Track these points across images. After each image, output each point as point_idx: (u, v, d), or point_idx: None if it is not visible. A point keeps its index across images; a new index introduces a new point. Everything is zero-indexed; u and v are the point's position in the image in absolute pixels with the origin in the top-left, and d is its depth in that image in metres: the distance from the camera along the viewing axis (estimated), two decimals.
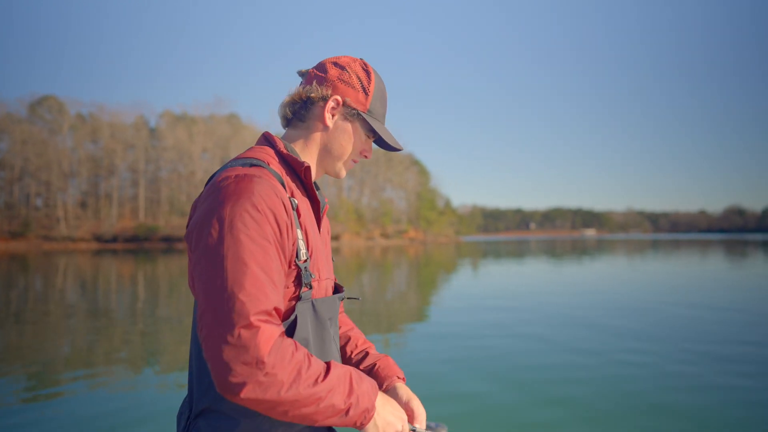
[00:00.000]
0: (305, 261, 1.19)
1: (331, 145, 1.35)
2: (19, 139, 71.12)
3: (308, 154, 1.35)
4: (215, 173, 1.20)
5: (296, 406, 1.02)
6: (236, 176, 1.12)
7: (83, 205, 77.20)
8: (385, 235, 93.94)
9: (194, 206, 1.16)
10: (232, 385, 0.97)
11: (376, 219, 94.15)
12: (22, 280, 20.60)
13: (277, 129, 1.43)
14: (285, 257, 1.13)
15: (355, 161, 1.39)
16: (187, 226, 1.16)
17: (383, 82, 1.39)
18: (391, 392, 1.41)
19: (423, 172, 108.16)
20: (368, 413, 1.13)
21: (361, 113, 1.33)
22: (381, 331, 8.89)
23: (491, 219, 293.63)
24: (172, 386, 5.92)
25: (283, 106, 1.34)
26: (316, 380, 1.04)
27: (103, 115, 79.97)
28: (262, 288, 1.03)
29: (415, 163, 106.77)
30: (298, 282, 1.19)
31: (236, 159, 1.23)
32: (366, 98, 1.33)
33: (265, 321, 1.02)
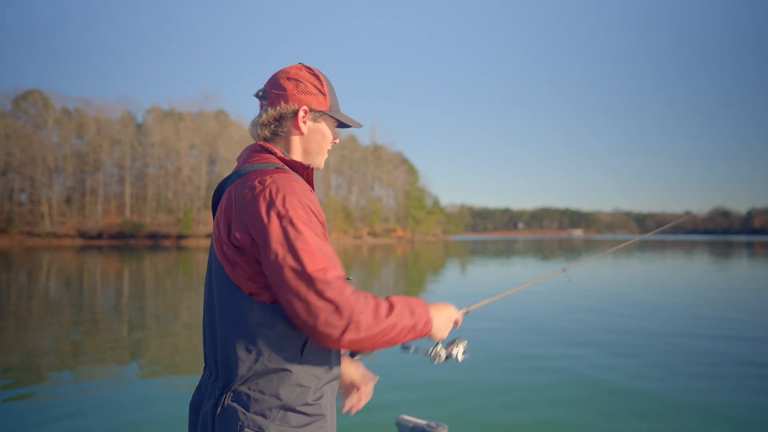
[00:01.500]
0: None
1: (310, 146, 1.57)
2: (2, 134, 70.03)
3: (294, 157, 1.56)
4: (233, 177, 1.45)
5: (381, 335, 1.31)
6: (274, 176, 1.35)
7: (68, 201, 76.28)
8: (373, 234, 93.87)
9: (221, 207, 1.39)
10: (335, 333, 1.25)
11: (364, 217, 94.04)
12: (3, 277, 20.28)
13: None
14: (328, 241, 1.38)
15: (328, 149, 1.63)
16: (217, 225, 1.39)
17: (324, 74, 1.60)
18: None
19: (411, 171, 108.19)
20: (429, 323, 1.44)
21: (326, 112, 1.56)
22: None
23: (479, 218, 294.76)
24: (156, 381, 5.90)
25: (258, 126, 1.54)
26: (388, 314, 1.32)
27: (89, 110, 79.11)
28: (334, 258, 1.31)
29: (404, 162, 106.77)
30: None
31: (254, 164, 1.45)
32: (325, 99, 1.56)
33: (344, 281, 1.30)
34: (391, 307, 1.34)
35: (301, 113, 1.52)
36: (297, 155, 1.56)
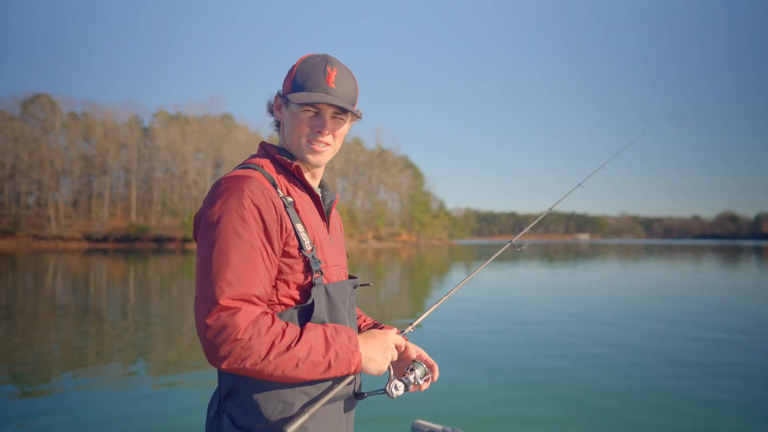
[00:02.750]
0: (311, 250, 1.35)
1: (288, 136, 1.46)
2: (10, 137, 70.51)
3: (290, 152, 1.48)
4: None
5: (278, 369, 1.18)
6: (230, 178, 1.30)
7: (75, 204, 76.58)
8: (378, 237, 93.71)
9: (205, 200, 1.35)
10: (216, 358, 1.16)
11: (369, 221, 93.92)
12: (10, 279, 20.33)
13: (270, 130, 1.60)
14: (274, 249, 1.29)
15: (317, 142, 1.44)
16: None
17: (323, 58, 1.43)
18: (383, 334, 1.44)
19: (417, 175, 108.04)
20: (353, 358, 1.28)
21: (285, 95, 1.43)
22: None
23: (485, 222, 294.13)
24: (164, 385, 5.92)
25: (274, 121, 1.54)
26: (289, 346, 1.19)
27: (96, 113, 79.51)
28: (241, 276, 1.21)
29: (409, 165, 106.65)
30: (308, 269, 1.35)
31: (238, 166, 1.41)
32: (289, 81, 1.43)
33: (245, 302, 1.20)
34: (298, 338, 1.22)
35: (275, 100, 1.48)
36: (288, 147, 1.48)
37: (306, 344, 1.22)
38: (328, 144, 1.45)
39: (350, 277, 1.57)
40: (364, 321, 1.71)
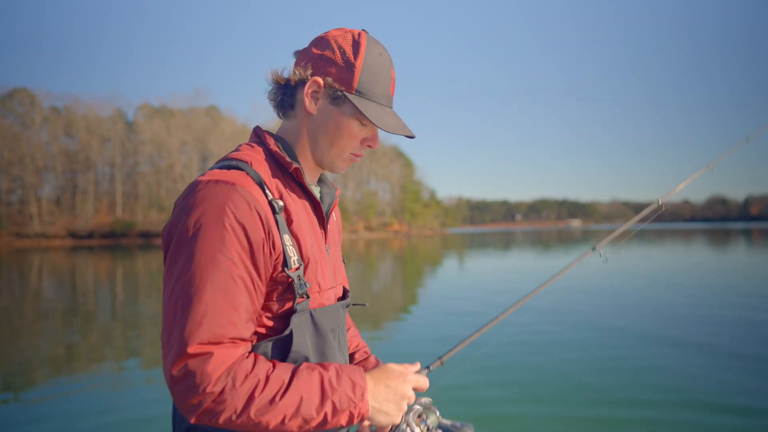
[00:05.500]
0: (297, 269, 1.09)
1: (317, 135, 1.18)
2: None
3: (301, 147, 1.20)
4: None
5: (260, 426, 0.97)
6: (209, 182, 1.03)
7: (58, 200, 75.20)
8: (369, 228, 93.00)
9: (175, 206, 1.08)
10: (185, 410, 0.96)
11: (360, 212, 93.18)
12: None
13: (259, 121, 1.34)
14: (261, 276, 1.04)
15: (357, 155, 1.21)
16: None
17: (387, 55, 1.18)
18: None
19: (407, 164, 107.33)
20: (357, 410, 1.04)
21: (347, 94, 1.13)
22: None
23: (477, 210, 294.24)
24: (156, 383, 5.71)
25: (269, 93, 1.21)
26: (273, 399, 0.97)
27: (77, 107, 77.92)
28: (215, 315, 0.97)
29: (400, 155, 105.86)
30: (291, 292, 1.09)
31: (221, 160, 1.13)
32: (351, 76, 1.12)
33: (218, 345, 0.96)
34: (286, 388, 0.99)
35: (311, 86, 1.14)
36: (305, 143, 1.19)
37: (296, 395, 0.99)
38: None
39: (343, 295, 1.31)
40: (357, 347, 1.46)
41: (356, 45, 1.13)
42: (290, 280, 1.07)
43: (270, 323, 1.09)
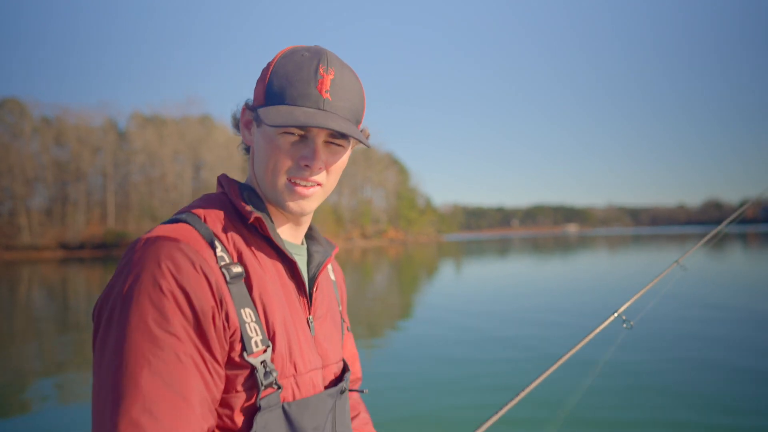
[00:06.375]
0: (262, 352, 0.88)
1: (258, 170, 0.99)
2: None
3: (263, 193, 1.03)
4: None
5: None
6: (147, 240, 0.86)
7: (48, 211, 74.24)
8: (364, 236, 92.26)
9: None
10: None
11: (355, 219, 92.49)
12: None
13: None
14: (214, 354, 0.84)
15: (302, 182, 0.97)
16: None
17: (320, 55, 0.96)
18: None
19: (402, 171, 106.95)
20: None
21: (255, 108, 0.97)
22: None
23: (473, 217, 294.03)
24: None
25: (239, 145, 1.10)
26: None
27: (68, 117, 77.05)
28: (157, 410, 0.76)
29: (394, 162, 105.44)
30: (254, 384, 0.88)
31: (176, 213, 0.98)
32: (262, 87, 0.97)
33: None
34: None
35: (242, 114, 1.02)
36: (260, 187, 1.01)
37: None
38: (318, 184, 0.98)
39: (337, 380, 1.05)
40: None
41: (277, 57, 0.97)
42: (251, 368, 0.87)
43: (228, 424, 0.87)
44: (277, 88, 0.93)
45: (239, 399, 0.86)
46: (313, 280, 1.03)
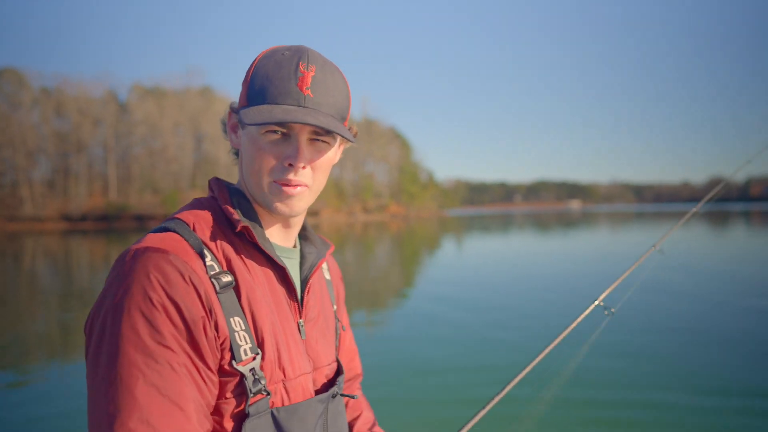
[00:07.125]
0: (252, 359, 0.90)
1: (245, 171, 1.00)
2: None
3: (252, 197, 1.03)
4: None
5: None
6: (136, 252, 0.86)
7: (50, 183, 74.25)
8: (366, 210, 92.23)
9: None
10: None
11: (357, 194, 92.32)
12: None
13: None
14: (207, 362, 0.86)
15: (286, 182, 0.96)
16: None
17: (301, 52, 0.95)
18: None
19: (405, 146, 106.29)
20: None
21: (237, 110, 0.98)
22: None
23: (476, 192, 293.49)
24: None
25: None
26: None
27: (68, 88, 76.35)
28: (154, 420, 0.78)
29: (397, 136, 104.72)
30: (243, 391, 0.89)
31: (165, 220, 0.97)
32: (245, 88, 0.97)
33: None
34: None
35: (228, 118, 1.04)
36: (248, 189, 1.01)
37: None
38: (302, 185, 0.97)
39: (329, 382, 1.07)
40: None
41: (261, 57, 0.96)
42: (240, 376, 0.88)
43: (218, 430, 0.89)
44: (258, 88, 0.93)
45: (229, 406, 0.88)
46: (304, 282, 1.04)
